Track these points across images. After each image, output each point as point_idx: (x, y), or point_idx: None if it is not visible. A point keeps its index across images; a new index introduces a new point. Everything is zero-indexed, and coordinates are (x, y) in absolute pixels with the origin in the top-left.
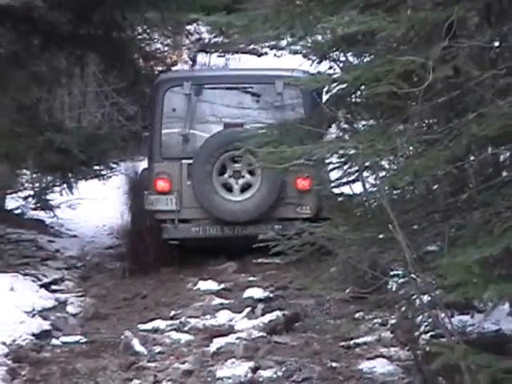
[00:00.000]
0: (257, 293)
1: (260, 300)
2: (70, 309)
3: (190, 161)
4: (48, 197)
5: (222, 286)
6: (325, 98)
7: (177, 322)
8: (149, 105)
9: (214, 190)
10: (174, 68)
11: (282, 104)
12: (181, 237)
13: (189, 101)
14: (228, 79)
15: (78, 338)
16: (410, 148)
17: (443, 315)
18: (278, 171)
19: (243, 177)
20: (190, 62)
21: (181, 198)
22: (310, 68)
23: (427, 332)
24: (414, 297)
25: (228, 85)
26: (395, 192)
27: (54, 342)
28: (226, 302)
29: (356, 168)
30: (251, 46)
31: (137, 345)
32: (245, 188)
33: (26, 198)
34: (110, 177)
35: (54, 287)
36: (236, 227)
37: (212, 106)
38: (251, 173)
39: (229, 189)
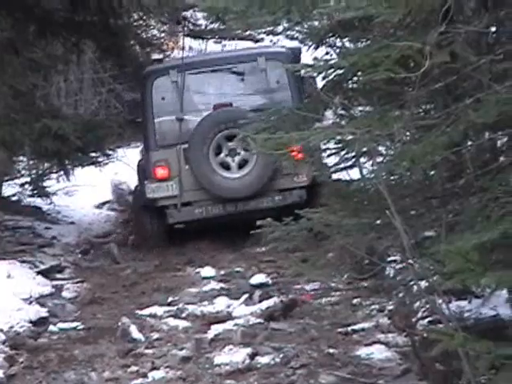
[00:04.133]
0: (254, 279)
1: (258, 286)
2: (67, 295)
3: (186, 145)
4: (45, 183)
5: (220, 272)
6: (321, 83)
7: (174, 308)
8: (140, 96)
9: (212, 170)
10: (171, 54)
11: (267, 79)
12: (185, 220)
13: (177, 88)
14: (212, 62)
15: (75, 324)
16: (407, 134)
17: (441, 301)
18: (275, 156)
19: (239, 154)
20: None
21: (181, 182)
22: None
23: (425, 318)
24: (412, 283)
25: (212, 67)
26: (392, 178)
27: (52, 328)
28: (224, 288)
29: (353, 154)
30: (247, 32)
31: (134, 331)
32: (242, 164)
33: (22, 185)
34: (107, 163)
35: (51, 274)
36: (238, 203)
37: (200, 89)
38: (246, 149)
39: (227, 167)
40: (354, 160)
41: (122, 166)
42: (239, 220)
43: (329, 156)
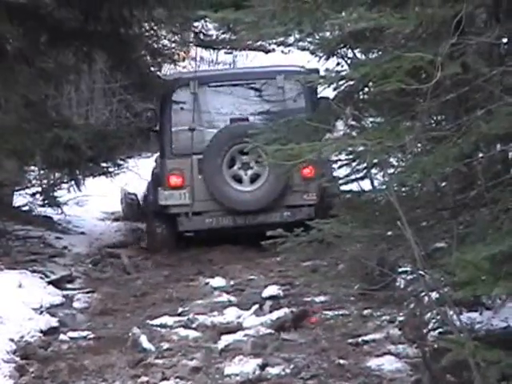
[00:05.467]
0: (265, 290)
1: (268, 297)
2: (78, 305)
3: (200, 156)
4: (56, 193)
5: (230, 283)
6: (332, 94)
7: (185, 318)
8: (159, 106)
9: (225, 181)
10: (181, 65)
11: (284, 97)
12: (195, 228)
13: (195, 99)
14: (231, 77)
15: (85, 334)
16: (419, 145)
17: (452, 312)
18: (286, 168)
19: (252, 168)
20: (198, 59)
21: (193, 191)
22: (314, 64)
23: (435, 329)
24: (423, 294)
25: (232, 82)
26: (404, 189)
27: (62, 338)
28: (234, 299)
29: (364, 165)
30: (258, 43)
31: (145, 341)
32: (254, 178)
33: (33, 195)
34: (118, 173)
35: (61, 284)
36: (247, 216)
37: (218, 103)
38: (259, 164)
39: (239, 180)
40: (365, 171)
41: (133, 176)
42: (248, 232)
43: (340, 167)
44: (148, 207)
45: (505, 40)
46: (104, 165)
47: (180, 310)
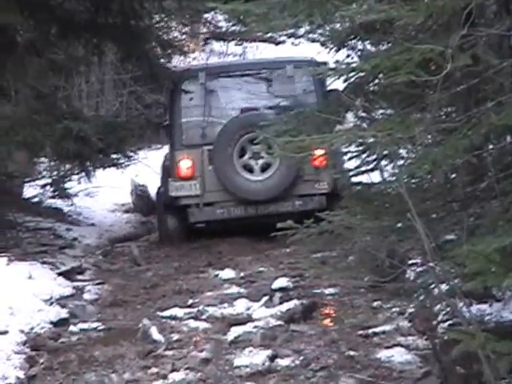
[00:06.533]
0: (275, 282)
1: (278, 289)
2: (88, 297)
3: (210, 146)
4: (66, 185)
5: (240, 274)
6: (343, 86)
7: (195, 310)
8: (168, 97)
9: (236, 171)
10: (191, 56)
11: (294, 87)
12: (206, 219)
13: (205, 90)
14: (240, 67)
15: (95, 325)
16: (429, 137)
17: (461, 304)
18: (296, 159)
19: (262, 157)
20: (208, 51)
21: (204, 182)
22: (324, 56)
23: (445, 321)
24: (433, 286)
25: (241, 72)
26: (413, 181)
27: (72, 329)
28: (244, 290)
29: (374, 157)
30: (268, 35)
31: (155, 333)
32: (265, 168)
33: (43, 186)
34: (128, 165)
35: (71, 275)
36: (259, 206)
37: (227, 93)
38: (270, 153)
39: (250, 169)
40: (375, 163)
41: (143, 168)
42: (259, 223)
43: (350, 159)
44: (159, 200)
45: None
46: (114, 156)
47: (190, 301)
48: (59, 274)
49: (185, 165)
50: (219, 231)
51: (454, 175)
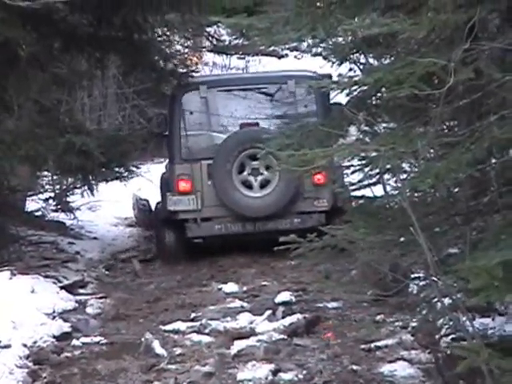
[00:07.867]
0: (278, 296)
1: (281, 303)
2: (91, 311)
3: (210, 161)
4: (68, 199)
5: (243, 288)
6: (345, 100)
7: (197, 324)
8: (168, 110)
9: (234, 187)
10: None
11: (295, 102)
12: (204, 235)
13: (205, 104)
14: (241, 81)
15: (98, 339)
16: (431, 151)
17: (464, 318)
18: (298, 174)
19: (262, 174)
20: (211, 64)
21: (202, 197)
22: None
23: (448, 335)
24: (435, 300)
25: (242, 86)
26: (416, 195)
27: (75, 343)
28: (247, 304)
29: (377, 170)
30: (271, 48)
31: (157, 347)
32: (264, 184)
33: (46, 200)
34: (131, 178)
35: (74, 289)
36: (257, 223)
37: (228, 107)
38: (269, 169)
39: (249, 186)
40: (377, 177)
41: (146, 182)
42: (257, 239)
43: (353, 173)
44: (157, 214)
45: None
46: (117, 170)
47: (193, 315)
48: (62, 288)
49: (183, 179)
50: (220, 245)
51: (456, 189)
